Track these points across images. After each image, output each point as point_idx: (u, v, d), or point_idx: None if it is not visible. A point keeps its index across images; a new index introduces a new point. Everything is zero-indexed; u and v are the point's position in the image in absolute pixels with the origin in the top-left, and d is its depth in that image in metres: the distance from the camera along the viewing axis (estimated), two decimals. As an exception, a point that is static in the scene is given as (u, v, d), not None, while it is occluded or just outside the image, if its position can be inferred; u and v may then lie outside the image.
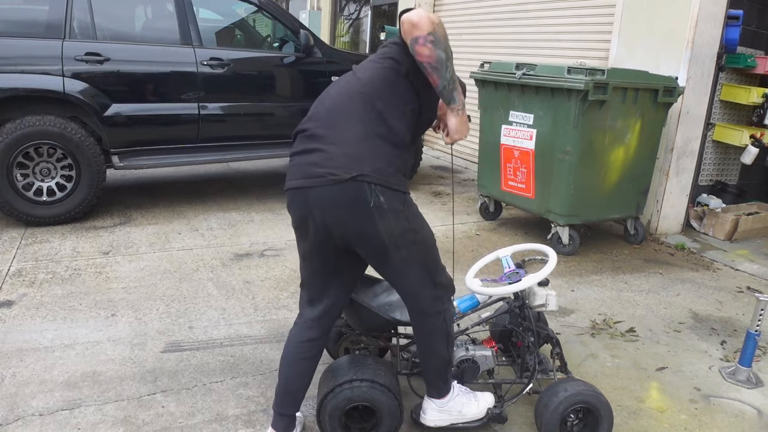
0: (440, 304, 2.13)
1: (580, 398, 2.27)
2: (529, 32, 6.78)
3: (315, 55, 5.46)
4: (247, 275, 3.84)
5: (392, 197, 1.89)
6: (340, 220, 1.90)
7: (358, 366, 2.27)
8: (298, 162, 1.96)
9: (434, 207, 5.64)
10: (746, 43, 5.38)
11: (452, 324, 2.21)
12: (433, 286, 2.08)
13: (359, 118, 1.91)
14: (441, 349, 2.19)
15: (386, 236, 1.92)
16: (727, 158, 5.79)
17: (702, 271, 4.50)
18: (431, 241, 2.06)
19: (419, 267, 2.03)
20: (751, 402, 2.84)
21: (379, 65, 1.99)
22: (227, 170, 6.66)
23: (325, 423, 2.22)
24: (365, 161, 1.86)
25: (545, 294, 2.47)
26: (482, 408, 2.36)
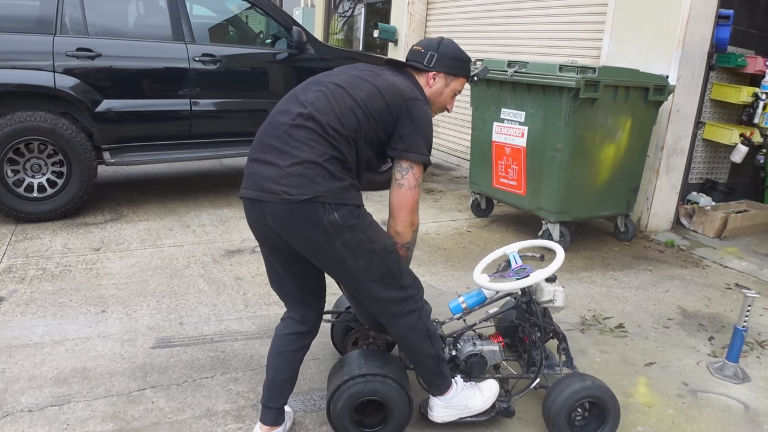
0: (412, 303, 2.16)
1: (589, 392, 2.30)
2: (521, 30, 6.80)
3: (308, 52, 5.46)
4: (238, 271, 3.84)
5: (347, 213, 1.93)
6: (296, 236, 1.96)
7: (370, 361, 2.30)
8: (254, 171, 1.99)
9: (426, 204, 5.65)
10: (736, 42, 5.42)
11: (430, 321, 2.24)
12: (400, 288, 2.12)
13: (315, 139, 1.93)
14: (425, 346, 2.21)
15: (344, 250, 1.96)
16: (717, 156, 5.83)
17: (691, 268, 4.53)
18: (391, 248, 2.08)
19: (382, 273, 2.06)
20: (738, 397, 2.87)
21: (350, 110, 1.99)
22: (219, 167, 6.65)
23: (335, 415, 2.24)
24: (319, 182, 1.89)
25: (552, 290, 2.49)
26: (487, 399, 2.38)
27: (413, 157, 2.04)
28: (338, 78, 2.09)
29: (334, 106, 1.98)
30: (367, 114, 2.00)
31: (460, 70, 2.30)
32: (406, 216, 2.10)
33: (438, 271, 4.06)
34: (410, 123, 2.04)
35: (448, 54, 2.26)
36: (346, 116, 1.97)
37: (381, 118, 2.02)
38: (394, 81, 2.09)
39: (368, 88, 2.03)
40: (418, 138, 2.05)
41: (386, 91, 2.04)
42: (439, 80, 2.27)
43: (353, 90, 2.02)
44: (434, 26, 8.51)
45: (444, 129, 8.26)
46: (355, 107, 1.99)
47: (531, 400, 2.64)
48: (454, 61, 2.27)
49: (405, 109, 2.04)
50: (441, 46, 2.26)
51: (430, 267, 4.13)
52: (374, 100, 2.01)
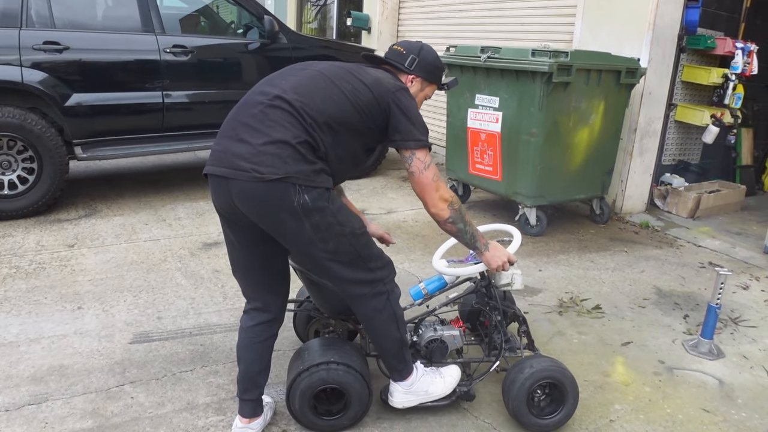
0: (381, 286, 2.17)
1: (546, 374, 2.32)
2: (494, 16, 6.80)
3: (280, 42, 5.41)
4: (215, 264, 3.82)
5: (317, 195, 1.94)
6: (264, 216, 1.95)
7: (332, 349, 2.31)
8: (224, 148, 1.97)
9: (403, 192, 5.66)
10: (706, 24, 5.48)
11: (398, 305, 2.25)
12: (368, 271, 2.14)
13: (291, 121, 1.94)
14: (391, 330, 2.23)
15: (313, 232, 1.97)
16: (689, 138, 5.91)
17: (666, 248, 4.60)
18: (360, 231, 2.11)
19: (350, 256, 2.08)
20: (713, 373, 2.93)
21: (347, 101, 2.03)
22: (194, 159, 6.58)
23: (294, 403, 2.26)
24: (290, 162, 1.89)
25: (510, 273, 2.49)
26: (448, 384, 2.40)
27: (412, 145, 2.10)
28: (321, 67, 2.12)
29: (313, 93, 1.99)
30: (354, 105, 2.03)
31: (435, 77, 2.37)
32: (431, 196, 2.14)
33: (416, 258, 4.08)
34: (401, 113, 2.09)
35: (428, 60, 2.32)
36: (325, 103, 1.99)
37: (369, 110, 2.06)
38: (378, 76, 2.15)
39: (355, 82, 2.07)
40: (411, 127, 2.10)
41: (373, 85, 2.09)
42: (416, 84, 2.33)
43: (339, 80, 2.06)
44: (407, 14, 8.48)
45: (420, 116, 8.25)
46: (339, 97, 2.02)
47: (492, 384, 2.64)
48: (433, 67, 2.34)
49: (393, 101, 2.09)
50: (422, 52, 2.32)
51: (408, 254, 4.14)
52: (362, 93, 2.05)
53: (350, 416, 2.33)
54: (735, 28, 5.87)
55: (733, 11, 5.84)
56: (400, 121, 2.09)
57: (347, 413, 2.32)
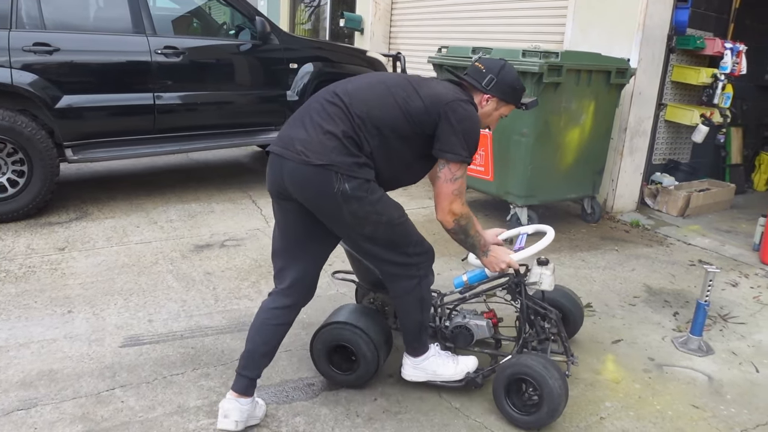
0: (414, 270, 2.34)
1: (519, 369, 2.35)
2: (486, 17, 6.83)
3: (272, 43, 5.41)
4: (207, 266, 3.81)
5: (357, 185, 2.11)
6: (307, 197, 2.16)
7: (356, 314, 2.60)
8: (287, 133, 2.20)
9: (395, 192, 5.63)
10: (695, 25, 5.52)
11: (428, 291, 2.43)
12: (404, 255, 2.30)
13: (342, 117, 2.15)
14: (414, 311, 2.41)
15: (350, 217, 2.16)
16: (678, 137, 5.94)
17: (656, 246, 4.63)
18: (399, 221, 2.25)
19: (386, 242, 2.26)
20: (702, 369, 2.95)
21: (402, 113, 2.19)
22: (186, 161, 6.57)
23: (314, 350, 2.60)
24: (335, 153, 2.09)
25: (539, 272, 2.54)
26: (460, 371, 2.54)
27: (447, 156, 2.22)
28: (386, 76, 2.33)
29: (368, 98, 2.19)
30: (404, 112, 2.18)
31: (513, 98, 2.43)
32: (443, 205, 2.29)
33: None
34: (448, 125, 2.19)
35: (506, 81, 2.38)
36: (376, 108, 2.17)
37: (418, 118, 2.19)
38: (438, 89, 2.26)
39: (411, 91, 2.22)
40: (454, 139, 2.20)
41: (426, 96, 2.21)
42: (491, 103, 2.40)
43: (395, 88, 2.23)
44: (399, 15, 8.50)
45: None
46: (391, 104, 2.19)
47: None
48: (511, 89, 2.40)
49: (443, 112, 2.19)
50: (502, 72, 2.38)
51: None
52: (413, 101, 2.20)
53: (358, 375, 2.56)
54: (724, 28, 5.91)
55: (722, 12, 5.88)
56: (444, 132, 2.21)
57: (355, 372, 2.56)
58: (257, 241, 4.25)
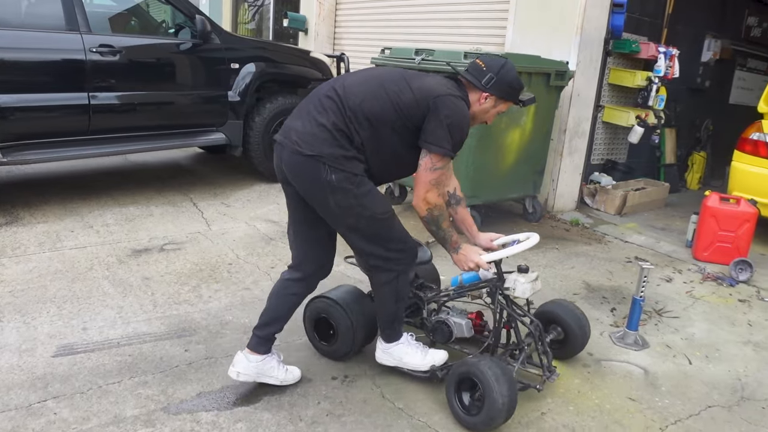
0: (394, 265, 2.45)
1: (470, 370, 2.38)
2: (429, 19, 6.88)
3: (213, 42, 5.30)
4: (145, 271, 3.70)
5: (343, 178, 2.26)
6: (300, 184, 2.35)
7: (343, 293, 2.83)
8: (289, 124, 2.38)
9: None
10: (631, 29, 5.71)
11: (406, 285, 2.55)
12: (385, 249, 2.42)
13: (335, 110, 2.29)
14: (389, 302, 2.55)
15: (336, 207, 2.31)
16: (616, 138, 6.13)
17: (595, 244, 4.76)
18: (382, 216, 2.37)
19: (368, 234, 2.39)
20: (638, 363, 3.05)
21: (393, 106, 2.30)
22: (124, 163, 6.36)
23: (305, 320, 2.91)
24: (325, 145, 2.25)
25: (513, 279, 2.54)
26: (426, 362, 2.63)
27: (431, 148, 2.30)
28: (381, 71, 2.45)
29: (362, 91, 2.31)
30: (393, 104, 2.28)
31: (511, 96, 2.49)
32: (419, 192, 2.35)
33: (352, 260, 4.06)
34: (435, 118, 2.27)
35: (505, 80, 2.43)
36: (368, 101, 2.28)
37: (408, 111, 2.29)
38: (429, 83, 2.35)
39: (403, 85, 2.32)
40: (440, 132, 2.27)
41: (417, 89, 2.30)
42: (490, 101, 2.46)
43: (388, 83, 2.33)
44: (344, 15, 8.48)
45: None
46: (382, 97, 2.29)
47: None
48: (510, 88, 2.46)
49: (433, 105, 2.27)
50: (502, 71, 2.42)
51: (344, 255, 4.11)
52: (404, 94, 2.29)
53: (335, 348, 2.81)
54: (658, 33, 6.13)
55: (656, 17, 6.10)
56: (431, 123, 2.28)
57: (332, 345, 2.80)
58: (198, 245, 4.15)
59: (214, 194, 5.34)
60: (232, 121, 5.43)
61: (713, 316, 3.69)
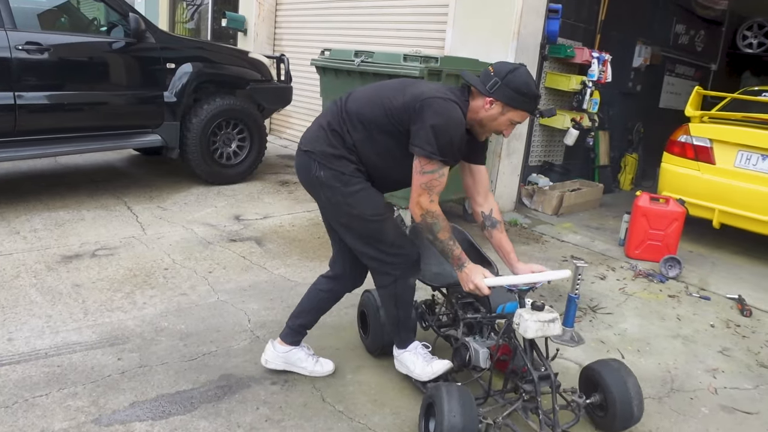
0: (390, 269, 2.45)
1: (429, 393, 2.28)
2: (371, 21, 6.90)
3: (147, 41, 5.15)
4: (76, 278, 3.55)
5: (331, 176, 2.35)
6: (300, 178, 2.49)
7: None
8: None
9: (281, 196, 5.57)
10: (566, 34, 5.87)
11: (406, 291, 2.53)
12: (378, 252, 2.43)
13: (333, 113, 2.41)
14: (390, 306, 2.56)
15: (327, 203, 2.42)
16: (552, 140, 6.29)
17: (533, 244, 4.87)
18: (372, 218, 2.38)
19: (361, 234, 2.42)
20: (574, 358, 3.13)
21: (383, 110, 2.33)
22: (54, 165, 6.11)
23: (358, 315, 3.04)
24: (318, 143, 2.38)
25: (520, 314, 2.29)
26: (426, 373, 2.58)
27: (415, 150, 2.28)
28: (388, 82, 2.49)
29: (361, 97, 2.40)
30: (385, 109, 2.31)
31: (520, 103, 2.33)
32: (413, 195, 2.34)
33: (292, 263, 4.03)
34: (420, 119, 2.25)
35: (511, 85, 2.29)
36: (364, 106, 2.35)
37: (398, 115, 2.30)
38: (423, 88, 2.33)
39: (397, 91, 2.34)
40: (422, 133, 2.24)
41: (409, 93, 2.31)
42: (495, 107, 2.33)
43: (385, 90, 2.39)
44: (284, 16, 8.40)
45: (297, 120, 8.21)
46: (376, 102, 2.34)
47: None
48: (516, 94, 2.30)
49: (418, 108, 2.25)
50: (509, 75, 2.30)
51: (284, 259, 4.08)
52: (395, 100, 2.31)
53: (369, 342, 2.93)
54: (591, 38, 6.33)
55: (590, 23, 6.30)
56: (416, 125, 2.27)
57: (368, 339, 2.93)
58: (132, 249, 4.02)
59: (149, 197, 5.19)
60: (168, 123, 5.29)
61: (644, 311, 3.82)
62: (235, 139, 5.75)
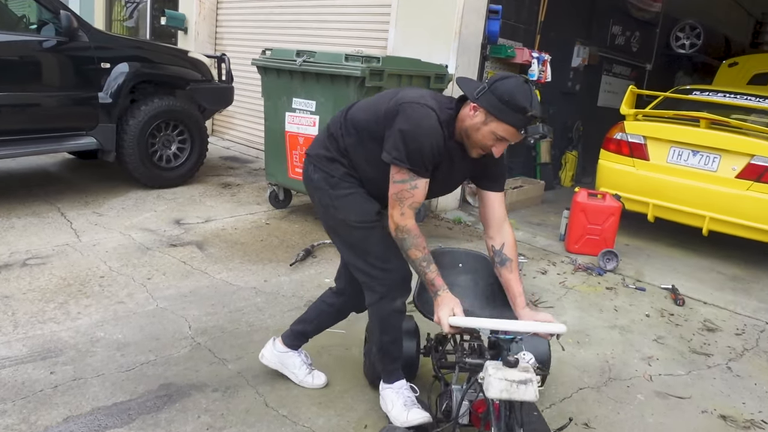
0: (376, 284, 2.30)
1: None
2: (313, 20, 6.85)
3: (80, 40, 4.95)
4: (5, 289, 3.39)
5: (322, 177, 2.33)
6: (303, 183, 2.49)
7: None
8: None
9: (223, 199, 5.47)
10: (506, 35, 5.96)
11: (391, 315, 2.34)
12: (364, 263, 2.31)
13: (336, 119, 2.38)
14: (376, 329, 2.41)
15: (319, 205, 2.40)
16: (495, 138, 6.37)
17: (476, 241, 4.93)
18: (356, 224, 2.28)
19: (346, 241, 2.36)
20: (516, 355, 3.17)
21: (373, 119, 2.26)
22: (-17, 171, 5.83)
23: None
24: (317, 146, 2.40)
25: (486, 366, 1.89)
26: (401, 419, 2.34)
27: (384, 156, 2.18)
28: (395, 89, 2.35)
29: (363, 103, 2.37)
30: (375, 114, 2.24)
31: (503, 114, 2.07)
32: (389, 209, 2.22)
33: (235, 267, 3.96)
34: (392, 125, 2.16)
35: (496, 92, 2.07)
36: (361, 112, 2.31)
37: (383, 121, 2.20)
38: (410, 92, 2.22)
39: (390, 95, 2.25)
40: (392, 138, 2.15)
41: (394, 98, 2.21)
42: (479, 115, 2.11)
43: (383, 96, 2.31)
44: (226, 15, 8.26)
45: (240, 120, 8.09)
46: (372, 108, 2.28)
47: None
48: (500, 102, 2.06)
49: (394, 112, 2.16)
50: (497, 83, 2.09)
51: (226, 263, 4.00)
52: (383, 104, 2.24)
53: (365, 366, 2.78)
54: (531, 39, 6.45)
55: (530, 24, 6.42)
56: (389, 131, 2.17)
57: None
58: (66, 258, 3.87)
59: (85, 203, 5.01)
60: (103, 125, 5.11)
61: (584, 303, 3.93)
62: (174, 141, 5.61)
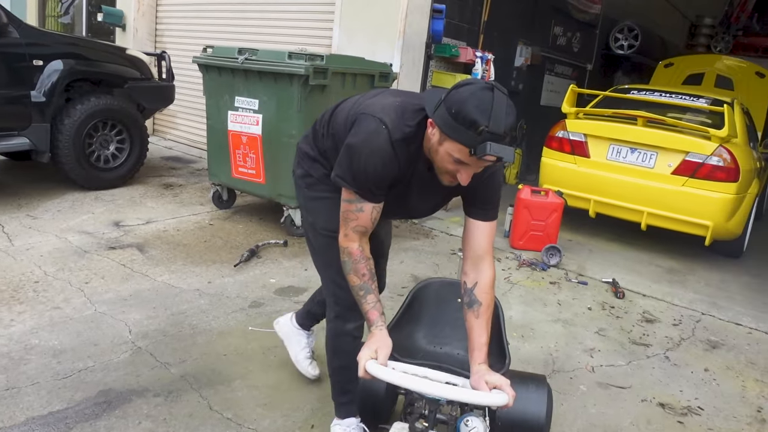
0: (332, 300, 2.20)
1: None
2: (256, 18, 6.77)
3: (10, 36, 4.75)
4: (-70, 296, 3.23)
5: (300, 174, 2.25)
6: None
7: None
8: None
9: (165, 200, 5.33)
10: (450, 34, 6.03)
11: (344, 340, 2.19)
12: (326, 273, 2.22)
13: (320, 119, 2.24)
14: (328, 351, 2.27)
15: (299, 200, 2.30)
16: (440, 137, 6.43)
17: (422, 239, 4.97)
18: (321, 231, 2.16)
19: (312, 245, 2.27)
20: (462, 350, 3.21)
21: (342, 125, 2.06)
22: None
23: None
24: (304, 140, 2.30)
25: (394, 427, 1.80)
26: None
27: (332, 173, 1.99)
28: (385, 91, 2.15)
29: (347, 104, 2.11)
30: (346, 122, 2.00)
31: (453, 131, 1.67)
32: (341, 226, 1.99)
33: (177, 269, 3.86)
34: (345, 137, 1.94)
35: (448, 103, 1.68)
36: (340, 113, 2.09)
37: (347, 126, 1.97)
38: (378, 100, 1.97)
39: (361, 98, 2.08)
40: (341, 153, 1.92)
41: (359, 103, 2.02)
42: (435, 133, 1.75)
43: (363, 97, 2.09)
44: (166, 11, 8.07)
45: (182, 120, 7.92)
46: (344, 113, 2.06)
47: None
48: (449, 116, 1.67)
49: (351, 121, 1.96)
50: (453, 90, 1.71)
51: (168, 266, 3.90)
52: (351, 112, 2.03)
53: None
54: (475, 39, 6.54)
55: (473, 24, 6.50)
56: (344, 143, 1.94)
57: None
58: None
59: (18, 206, 4.80)
60: (36, 124, 4.91)
61: (528, 298, 4.01)
62: (113, 140, 5.44)
